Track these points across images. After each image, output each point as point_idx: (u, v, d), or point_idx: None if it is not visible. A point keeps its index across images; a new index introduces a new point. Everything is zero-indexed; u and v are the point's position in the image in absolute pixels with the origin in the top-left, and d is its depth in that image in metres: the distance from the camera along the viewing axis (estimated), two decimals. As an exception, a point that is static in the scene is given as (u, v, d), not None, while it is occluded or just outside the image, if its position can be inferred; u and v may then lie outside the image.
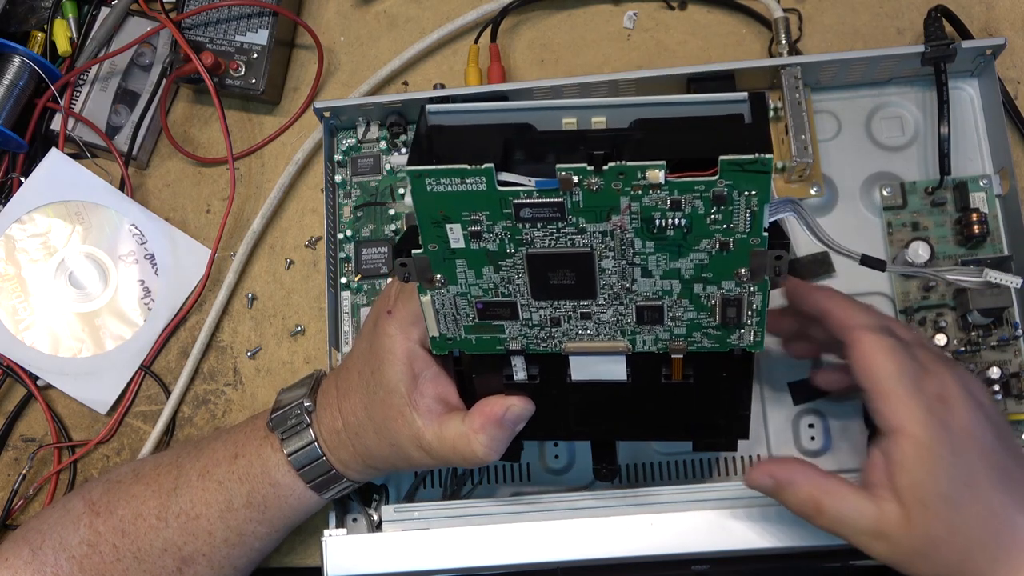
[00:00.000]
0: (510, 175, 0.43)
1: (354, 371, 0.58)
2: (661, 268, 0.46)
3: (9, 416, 0.73)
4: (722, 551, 0.59)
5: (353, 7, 0.78)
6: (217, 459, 0.61)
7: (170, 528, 0.60)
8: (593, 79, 0.68)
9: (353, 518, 0.65)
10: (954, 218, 0.68)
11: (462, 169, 0.43)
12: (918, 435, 0.50)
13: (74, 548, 0.59)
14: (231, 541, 0.60)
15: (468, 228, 0.45)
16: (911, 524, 0.50)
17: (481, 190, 0.43)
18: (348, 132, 0.72)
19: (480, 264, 0.47)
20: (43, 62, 0.75)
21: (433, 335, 0.52)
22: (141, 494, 0.61)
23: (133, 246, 0.75)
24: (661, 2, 0.76)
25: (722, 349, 0.50)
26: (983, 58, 0.68)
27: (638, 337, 0.50)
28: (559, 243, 0.46)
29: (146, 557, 0.60)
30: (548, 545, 0.60)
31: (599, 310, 0.49)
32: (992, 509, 0.50)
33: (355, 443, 0.58)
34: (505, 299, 0.49)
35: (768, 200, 0.43)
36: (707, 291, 0.47)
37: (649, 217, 0.44)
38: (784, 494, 0.53)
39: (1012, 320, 0.65)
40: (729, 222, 0.44)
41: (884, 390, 0.51)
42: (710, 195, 0.43)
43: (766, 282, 0.47)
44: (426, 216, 0.45)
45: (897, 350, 0.52)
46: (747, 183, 0.42)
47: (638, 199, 0.43)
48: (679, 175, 0.42)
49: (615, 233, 0.45)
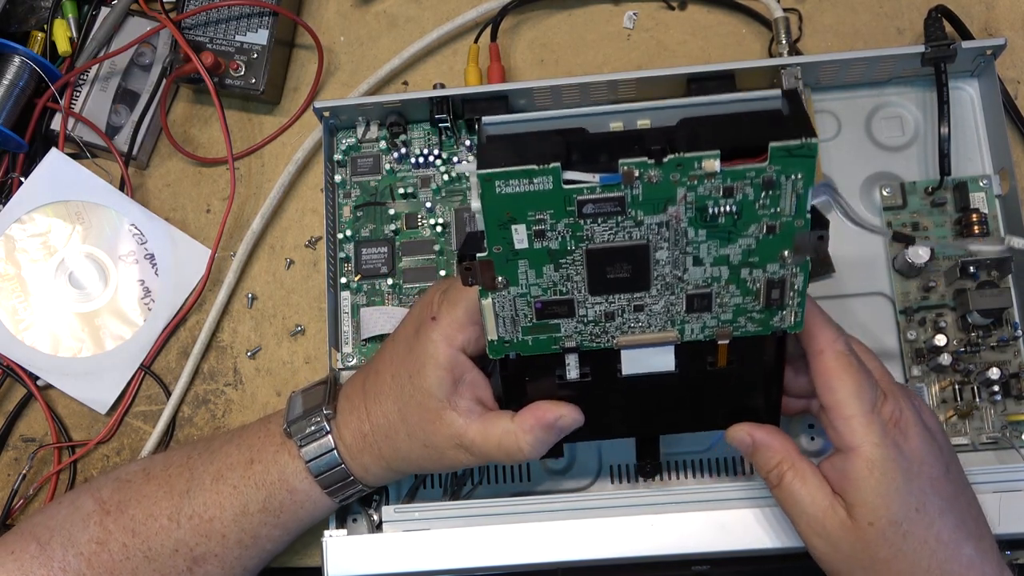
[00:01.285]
0: (575, 173, 0.46)
1: (386, 374, 0.59)
2: (712, 255, 0.50)
3: (9, 416, 0.73)
4: (722, 551, 0.59)
5: (353, 7, 0.78)
6: (231, 463, 0.61)
7: (182, 529, 0.60)
8: (593, 79, 0.68)
9: (353, 518, 0.66)
10: (954, 218, 0.68)
11: (530, 170, 0.46)
12: (872, 456, 0.51)
13: (83, 545, 0.59)
14: (244, 543, 0.60)
15: (533, 228, 0.48)
16: (855, 538, 0.52)
17: (547, 189, 0.46)
18: (348, 132, 0.72)
19: (541, 263, 0.50)
20: (43, 62, 0.75)
21: (492, 338, 0.53)
22: (153, 494, 0.60)
23: (133, 246, 0.75)
24: (661, 2, 0.76)
25: (764, 332, 0.53)
26: (983, 58, 0.68)
27: (687, 326, 0.53)
28: (618, 236, 0.49)
29: (157, 557, 0.60)
30: (548, 545, 0.60)
31: (651, 301, 0.51)
32: (940, 538, 0.52)
33: (383, 445, 0.59)
34: (563, 297, 0.51)
35: (812, 183, 0.47)
36: (753, 275, 0.50)
37: (703, 206, 0.47)
38: (756, 455, 0.56)
39: (1012, 320, 0.65)
40: (776, 206, 0.47)
41: (842, 408, 0.52)
42: (760, 180, 0.46)
43: (807, 262, 0.50)
44: (493, 218, 0.48)
45: (858, 371, 0.53)
46: (795, 167, 0.46)
47: (694, 188, 0.47)
48: (732, 163, 0.46)
49: (670, 224, 0.48)
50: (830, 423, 0.53)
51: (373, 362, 0.61)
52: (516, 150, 0.47)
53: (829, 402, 0.53)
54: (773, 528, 0.59)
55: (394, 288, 0.70)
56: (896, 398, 0.53)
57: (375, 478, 0.60)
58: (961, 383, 0.65)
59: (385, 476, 0.60)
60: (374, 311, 0.69)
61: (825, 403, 0.53)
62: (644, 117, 0.49)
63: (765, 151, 0.45)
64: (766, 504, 0.59)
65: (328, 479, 0.59)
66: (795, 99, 0.48)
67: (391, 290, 0.70)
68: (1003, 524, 0.57)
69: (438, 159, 0.71)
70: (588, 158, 0.47)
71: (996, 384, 0.64)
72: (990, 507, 0.56)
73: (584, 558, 0.60)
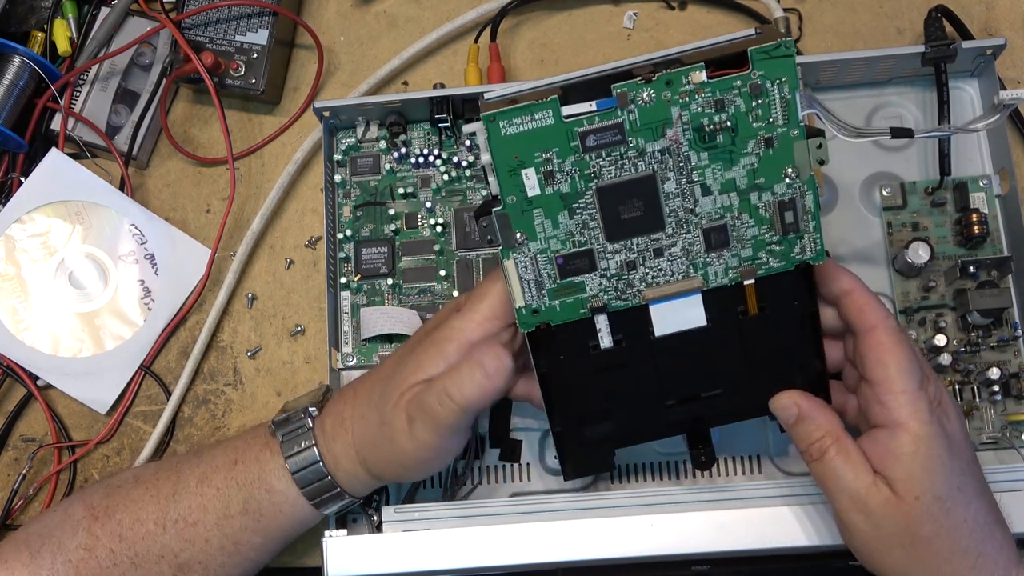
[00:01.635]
0: (572, 106, 0.49)
1: (389, 362, 0.59)
2: (718, 181, 0.51)
3: (9, 416, 0.73)
4: (722, 551, 0.59)
5: (353, 7, 0.78)
6: (216, 465, 0.61)
7: (168, 534, 0.59)
8: (593, 79, 0.68)
9: (353, 519, 0.66)
10: (954, 218, 0.68)
11: (530, 105, 0.49)
12: (920, 432, 0.51)
13: (71, 552, 0.59)
14: (227, 550, 0.60)
15: (541, 171, 0.50)
16: (900, 514, 0.51)
17: (549, 124, 0.49)
18: (348, 132, 0.72)
19: (556, 210, 0.52)
20: (43, 62, 0.75)
21: (519, 305, 0.54)
22: (140, 499, 0.60)
23: (133, 246, 0.75)
24: (661, 2, 0.76)
25: (788, 266, 0.53)
26: (983, 58, 0.68)
27: (709, 269, 0.53)
28: (624, 170, 0.51)
29: (143, 563, 0.59)
30: (548, 545, 0.60)
31: (669, 242, 0.53)
32: (977, 519, 0.52)
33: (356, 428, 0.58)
34: (583, 248, 0.53)
35: (798, 86, 0.49)
36: (763, 199, 0.52)
37: (699, 125, 0.50)
38: (799, 426, 0.55)
39: (1012, 320, 0.65)
40: (768, 115, 0.50)
41: (892, 383, 0.52)
42: (747, 88, 0.49)
43: (812, 178, 0.51)
44: (503, 163, 0.50)
45: (910, 348, 0.53)
46: (776, 70, 0.49)
47: (687, 107, 0.49)
48: (718, 73, 0.49)
49: (671, 150, 0.50)
50: (876, 398, 0.52)
51: (385, 359, 0.61)
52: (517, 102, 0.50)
53: (879, 376, 0.52)
54: (773, 528, 0.59)
55: (394, 288, 0.70)
56: (936, 381, 0.54)
57: (346, 475, 0.59)
58: (961, 383, 0.65)
59: (355, 473, 0.59)
60: (374, 311, 0.69)
61: (874, 378, 0.53)
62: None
63: (747, 60, 0.49)
64: (766, 504, 0.59)
65: (305, 477, 0.58)
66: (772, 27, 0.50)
67: (391, 290, 0.70)
68: (1004, 523, 0.57)
69: (438, 159, 0.71)
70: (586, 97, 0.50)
71: (996, 384, 0.64)
72: (990, 507, 0.56)
73: (584, 558, 0.60)
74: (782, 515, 0.59)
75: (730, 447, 0.66)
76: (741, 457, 0.66)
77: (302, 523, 0.61)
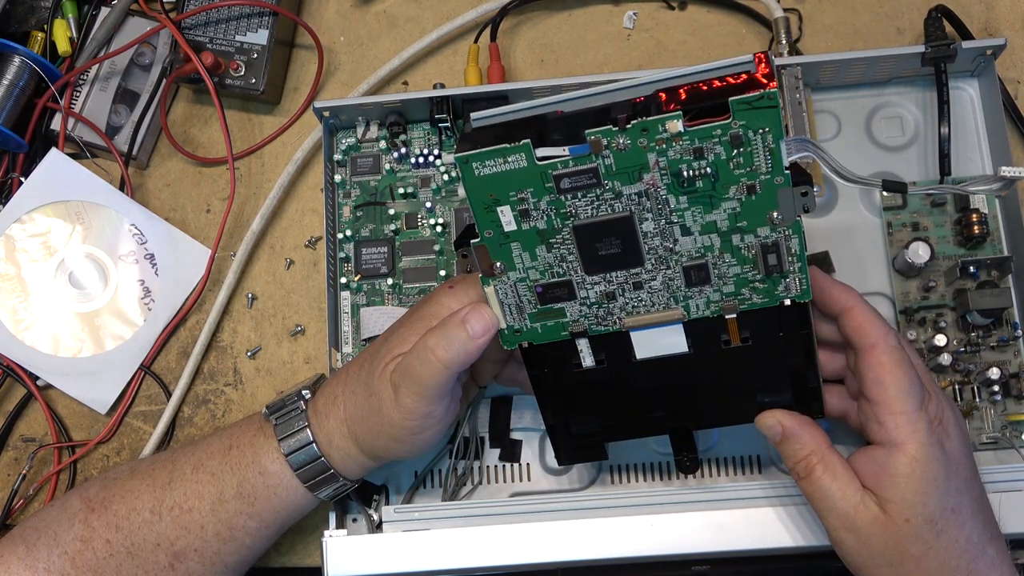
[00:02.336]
0: (546, 149, 0.47)
1: (380, 339, 0.59)
2: (698, 223, 0.49)
3: (9, 416, 0.73)
4: (722, 551, 0.59)
5: (353, 7, 0.78)
6: (211, 452, 0.61)
7: (163, 522, 0.60)
8: (593, 79, 0.68)
9: (353, 519, 0.66)
10: (954, 218, 0.68)
11: (502, 148, 0.47)
12: (917, 454, 0.51)
13: (68, 544, 0.59)
14: (222, 536, 0.60)
15: (517, 208, 0.49)
16: (888, 534, 0.51)
17: (523, 167, 0.48)
18: (348, 132, 0.72)
19: (533, 244, 0.51)
20: (43, 62, 0.75)
21: (501, 327, 0.54)
22: (136, 488, 0.61)
23: (133, 246, 0.75)
24: (661, 2, 0.76)
25: (772, 303, 0.52)
26: (983, 58, 0.68)
27: (691, 302, 0.52)
28: (600, 210, 0.49)
29: (139, 552, 0.60)
30: (548, 545, 0.60)
31: (648, 276, 0.51)
32: (971, 538, 0.52)
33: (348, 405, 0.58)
34: (561, 279, 0.52)
35: (782, 136, 0.46)
36: (745, 241, 0.50)
37: (677, 171, 0.47)
38: (785, 445, 0.55)
39: (1012, 320, 0.65)
40: (751, 164, 0.47)
41: (892, 404, 0.52)
42: (728, 137, 0.46)
43: (798, 223, 0.49)
44: (478, 201, 0.49)
45: (910, 367, 0.52)
46: (759, 120, 0.46)
47: (664, 153, 0.47)
48: (697, 123, 0.46)
49: (649, 192, 0.48)
50: (875, 417, 0.52)
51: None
52: (494, 135, 0.48)
53: (878, 397, 0.52)
54: (773, 528, 0.59)
55: (394, 288, 0.70)
56: (938, 397, 0.53)
57: (340, 454, 0.59)
58: (961, 383, 0.65)
59: (348, 452, 0.59)
60: (374, 311, 0.69)
61: (873, 397, 0.52)
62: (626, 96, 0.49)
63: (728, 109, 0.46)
64: (766, 504, 0.59)
65: (299, 459, 0.59)
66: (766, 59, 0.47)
67: (391, 290, 0.70)
68: (1003, 524, 0.57)
69: (438, 159, 0.71)
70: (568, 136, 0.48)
71: (996, 384, 0.64)
72: (990, 507, 0.56)
73: (584, 558, 0.60)
74: (782, 515, 0.59)
75: (730, 447, 0.66)
76: (741, 457, 0.66)
77: (297, 507, 0.61)
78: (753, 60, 0.47)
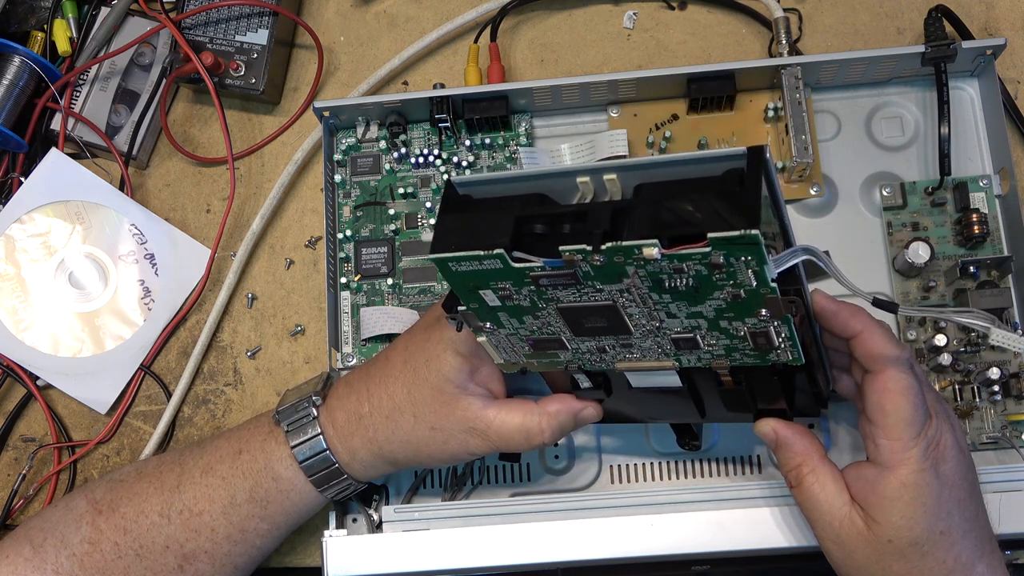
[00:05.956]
0: (521, 254, 0.47)
1: (398, 360, 0.59)
2: (683, 312, 0.48)
3: (9, 416, 0.73)
4: (722, 551, 0.59)
5: (353, 7, 0.78)
6: (221, 455, 0.61)
7: (172, 525, 0.60)
8: (593, 79, 0.68)
9: (353, 519, 0.66)
10: (954, 218, 0.68)
11: (477, 255, 0.47)
12: (908, 480, 0.51)
13: (75, 546, 0.60)
14: (233, 538, 0.60)
15: (498, 293, 0.49)
16: (871, 550, 0.52)
17: (498, 268, 0.47)
18: (348, 132, 0.72)
19: (519, 315, 0.51)
20: (43, 62, 0.75)
21: (499, 362, 0.55)
22: (144, 491, 0.61)
23: (133, 246, 0.75)
24: (661, 2, 0.76)
25: (762, 364, 0.51)
26: (983, 58, 0.68)
27: (682, 357, 0.52)
28: (584, 298, 0.48)
29: (148, 555, 0.60)
30: (548, 545, 0.60)
31: (639, 340, 0.51)
32: (959, 559, 0.52)
33: (380, 427, 0.58)
34: (552, 336, 0.52)
35: (766, 262, 0.43)
36: (734, 325, 0.48)
37: (658, 279, 0.46)
38: (779, 452, 0.56)
39: (1012, 320, 0.65)
40: (734, 279, 0.45)
41: (891, 431, 0.51)
42: (708, 262, 0.44)
43: (788, 318, 0.47)
44: (460, 288, 0.50)
45: (915, 395, 0.52)
46: (740, 252, 0.43)
47: (643, 266, 0.45)
48: (675, 248, 0.43)
49: (632, 289, 0.47)
50: (872, 437, 0.52)
51: (383, 352, 0.62)
52: (469, 228, 0.48)
53: (879, 421, 0.52)
54: (773, 528, 0.59)
55: (394, 288, 0.70)
56: (939, 418, 0.53)
57: (362, 466, 0.60)
58: (961, 383, 0.65)
59: (373, 464, 0.60)
60: (374, 311, 0.69)
61: (873, 420, 0.52)
62: (610, 174, 0.48)
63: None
64: (766, 504, 0.59)
65: (313, 466, 0.59)
66: (756, 162, 0.44)
67: (391, 290, 0.70)
68: (1003, 524, 0.57)
69: (438, 159, 0.71)
70: (546, 228, 0.47)
71: (996, 384, 0.64)
72: (990, 507, 0.56)
73: (584, 558, 0.60)
74: (782, 515, 0.59)
75: (730, 447, 0.66)
76: (741, 457, 0.66)
77: (307, 508, 0.62)
78: (745, 155, 0.44)
